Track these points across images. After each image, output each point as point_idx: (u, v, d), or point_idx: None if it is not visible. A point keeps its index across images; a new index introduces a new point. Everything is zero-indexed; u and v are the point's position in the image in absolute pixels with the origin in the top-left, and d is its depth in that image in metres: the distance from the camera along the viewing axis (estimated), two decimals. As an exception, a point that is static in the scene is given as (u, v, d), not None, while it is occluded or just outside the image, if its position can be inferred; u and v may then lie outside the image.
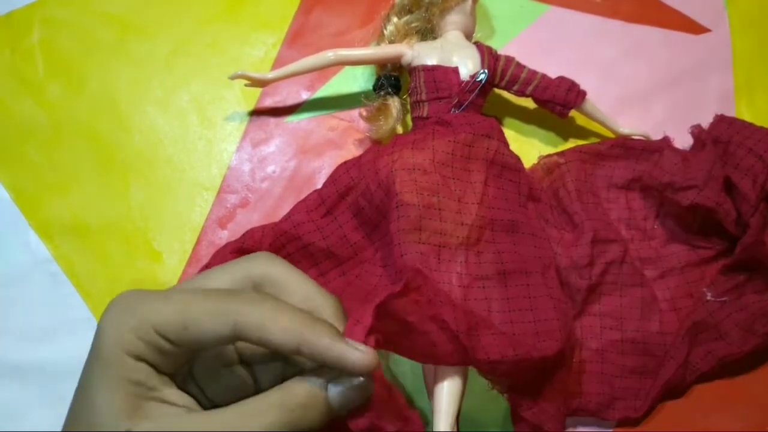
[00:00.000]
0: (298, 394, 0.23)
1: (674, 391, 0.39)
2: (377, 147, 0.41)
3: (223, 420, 0.23)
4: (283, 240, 0.39)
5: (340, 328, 0.25)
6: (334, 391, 0.24)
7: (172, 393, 0.24)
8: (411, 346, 0.29)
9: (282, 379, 0.27)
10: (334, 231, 0.39)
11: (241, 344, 0.26)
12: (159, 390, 0.23)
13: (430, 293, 0.30)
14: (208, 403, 0.26)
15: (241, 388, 0.27)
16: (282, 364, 0.27)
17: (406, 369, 0.40)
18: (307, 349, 0.23)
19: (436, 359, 0.31)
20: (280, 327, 0.23)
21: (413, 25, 0.43)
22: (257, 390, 0.27)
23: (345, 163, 0.40)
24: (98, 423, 0.22)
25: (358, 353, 0.24)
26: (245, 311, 0.23)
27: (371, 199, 0.37)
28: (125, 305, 0.24)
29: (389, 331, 0.27)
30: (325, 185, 0.40)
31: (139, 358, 0.23)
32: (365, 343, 0.24)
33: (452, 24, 0.43)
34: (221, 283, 0.25)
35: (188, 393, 0.25)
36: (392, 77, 0.43)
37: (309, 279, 0.26)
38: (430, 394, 0.34)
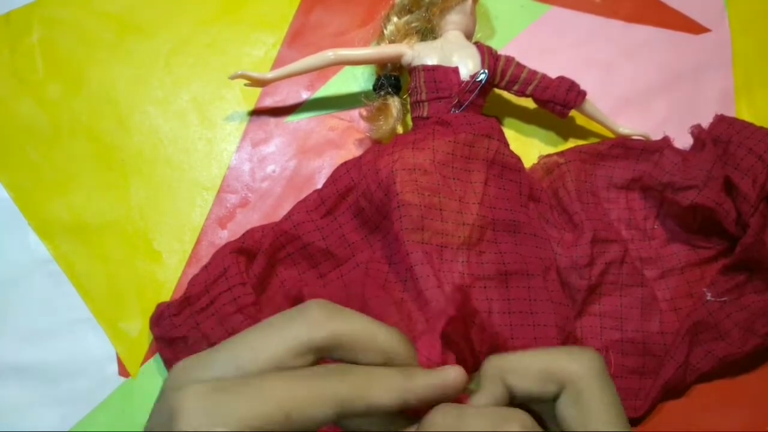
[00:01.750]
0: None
1: (674, 391, 0.39)
2: (377, 147, 0.41)
3: None
4: (283, 240, 0.39)
5: (413, 358, 0.24)
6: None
7: None
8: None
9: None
10: (333, 231, 0.39)
11: None
12: None
13: (468, 313, 0.30)
14: None
15: None
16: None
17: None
18: (413, 397, 0.22)
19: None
20: (381, 392, 0.22)
21: (413, 25, 0.43)
22: None
23: (345, 163, 0.40)
24: None
25: (451, 372, 0.23)
26: (343, 387, 0.21)
27: (371, 200, 0.37)
28: (206, 407, 0.20)
29: None
30: (325, 185, 0.40)
31: None
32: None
33: (452, 24, 0.43)
34: (279, 353, 0.22)
35: None
36: (392, 77, 0.43)
37: (370, 321, 0.24)
38: None
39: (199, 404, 0.20)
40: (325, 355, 0.23)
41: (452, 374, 0.23)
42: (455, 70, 0.41)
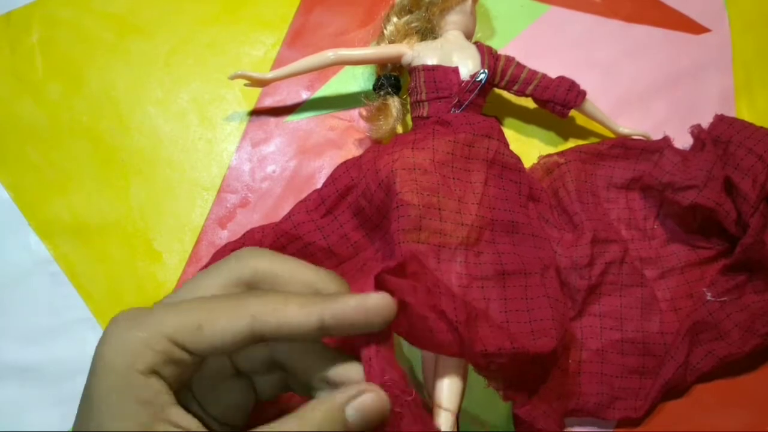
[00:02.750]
0: (316, 417, 0.22)
1: (674, 391, 0.39)
2: (377, 147, 0.41)
3: None
4: (284, 240, 0.39)
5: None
6: (352, 412, 0.23)
7: (179, 414, 0.22)
8: (409, 328, 0.29)
9: (282, 390, 0.26)
10: (334, 230, 0.39)
11: (237, 356, 0.25)
12: (167, 410, 0.22)
13: (429, 282, 0.30)
14: (212, 420, 0.25)
15: (242, 402, 0.26)
16: (281, 374, 0.26)
17: (403, 365, 0.40)
18: (330, 315, 0.23)
19: (434, 347, 0.30)
20: (296, 307, 0.23)
21: (413, 25, 0.43)
22: (258, 402, 0.26)
23: (345, 163, 0.40)
24: None
25: (376, 297, 0.23)
26: (257, 302, 0.23)
27: (372, 199, 0.37)
28: (130, 320, 0.23)
29: None
30: (325, 185, 0.40)
31: (150, 373, 0.22)
32: None
33: (452, 24, 0.43)
34: (211, 289, 0.24)
35: (191, 412, 0.23)
36: (392, 77, 0.43)
37: (300, 263, 0.25)
38: (430, 391, 0.34)
39: (124, 320, 0.23)
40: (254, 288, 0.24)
41: (374, 297, 0.23)
42: (455, 70, 0.41)
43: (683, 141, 0.43)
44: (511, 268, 0.36)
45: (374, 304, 0.23)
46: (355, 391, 0.23)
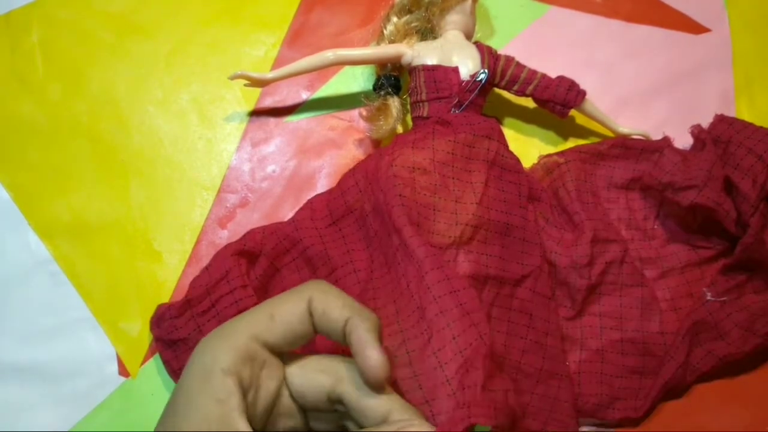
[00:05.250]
0: None
1: (674, 391, 0.39)
2: (379, 150, 0.41)
3: None
4: (286, 244, 0.39)
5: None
6: None
7: (242, 421, 0.25)
8: None
9: (336, 429, 0.29)
10: (335, 240, 0.39)
11: (299, 393, 0.28)
12: (234, 414, 0.25)
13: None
14: None
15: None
16: (337, 415, 0.29)
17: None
18: (350, 327, 0.27)
19: None
20: (339, 305, 0.27)
21: (413, 24, 0.43)
22: None
23: (353, 173, 0.40)
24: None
25: (379, 356, 0.26)
26: (315, 290, 0.28)
27: (374, 202, 0.38)
28: (218, 330, 0.27)
29: None
30: (334, 196, 0.40)
31: (227, 371, 0.25)
32: None
33: (452, 24, 0.43)
34: (276, 303, 0.28)
35: None
36: (392, 77, 0.43)
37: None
38: None
39: (212, 334, 0.27)
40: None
41: (377, 356, 0.26)
42: (455, 70, 0.41)
43: (683, 141, 0.43)
44: (493, 272, 0.36)
45: (372, 356, 0.27)
46: (403, 427, 0.26)
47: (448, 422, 0.27)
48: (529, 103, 0.45)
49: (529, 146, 0.45)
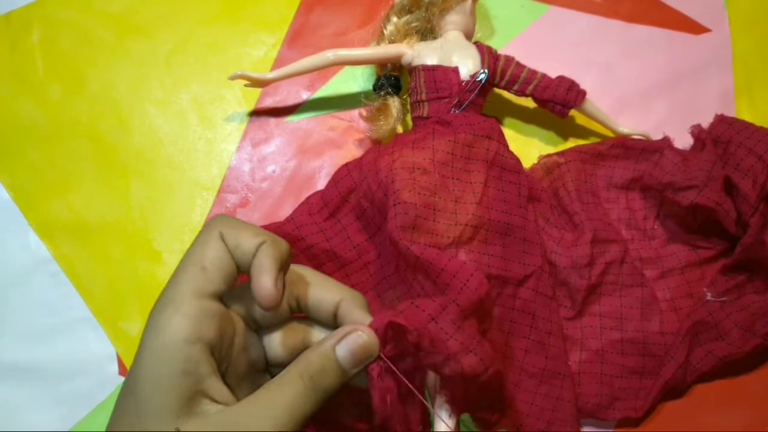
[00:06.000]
0: (313, 361, 0.26)
1: (674, 391, 0.39)
2: (378, 147, 0.41)
3: (258, 403, 0.25)
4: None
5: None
6: (342, 352, 0.26)
7: (217, 386, 0.25)
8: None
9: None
10: (337, 233, 0.39)
11: (271, 349, 0.28)
12: (206, 381, 0.24)
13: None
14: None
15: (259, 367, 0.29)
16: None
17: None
18: (257, 253, 0.26)
19: None
20: (250, 234, 0.26)
21: (413, 25, 0.43)
22: None
23: (347, 165, 0.40)
24: (147, 422, 0.23)
25: (270, 284, 0.26)
26: (222, 225, 0.27)
27: (373, 200, 0.37)
28: (158, 303, 0.26)
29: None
30: (327, 188, 0.40)
31: (191, 339, 0.24)
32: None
33: (452, 24, 0.43)
34: (196, 253, 0.27)
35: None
36: (392, 77, 0.43)
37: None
38: (432, 394, 0.34)
39: (153, 308, 0.26)
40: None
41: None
42: (455, 70, 0.41)
43: (683, 141, 0.43)
44: (495, 273, 0.36)
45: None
46: (343, 332, 0.26)
47: (376, 320, 0.27)
48: (529, 103, 0.45)
49: (529, 146, 0.45)
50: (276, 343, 0.28)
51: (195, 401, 0.24)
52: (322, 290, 0.29)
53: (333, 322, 0.28)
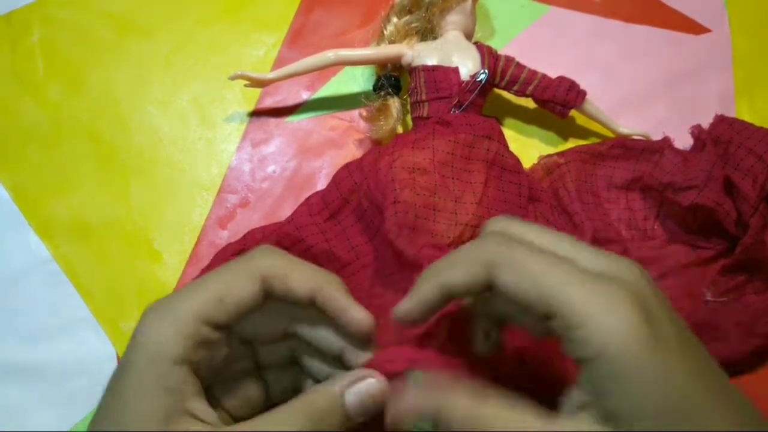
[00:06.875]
0: (318, 401, 0.25)
1: (674, 391, 0.39)
2: (378, 148, 0.41)
3: None
4: (286, 243, 0.39)
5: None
6: (351, 398, 0.25)
7: (200, 407, 0.24)
8: None
9: (294, 388, 0.28)
10: (337, 234, 0.39)
11: (262, 349, 0.28)
12: (190, 400, 0.23)
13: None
14: (226, 415, 0.27)
15: (255, 397, 0.28)
16: (297, 373, 0.28)
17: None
18: (320, 296, 0.25)
19: None
20: (299, 277, 0.26)
21: (413, 25, 0.43)
22: (268, 400, 0.28)
23: (347, 165, 0.40)
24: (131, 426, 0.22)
25: (361, 313, 0.26)
26: (268, 264, 0.25)
27: (373, 200, 0.37)
28: (159, 308, 0.25)
29: None
30: (328, 189, 0.40)
31: (181, 361, 0.23)
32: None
33: (452, 24, 0.43)
34: (226, 282, 0.25)
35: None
36: (392, 77, 0.43)
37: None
38: None
39: (155, 309, 0.25)
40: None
41: (360, 313, 0.26)
42: (455, 70, 0.41)
43: (683, 141, 0.43)
44: None
45: (355, 316, 0.26)
46: (355, 377, 0.25)
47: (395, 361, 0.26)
48: (529, 103, 0.45)
49: (529, 146, 0.45)
50: (266, 349, 0.28)
51: (180, 420, 0.23)
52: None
53: (313, 309, 0.27)
